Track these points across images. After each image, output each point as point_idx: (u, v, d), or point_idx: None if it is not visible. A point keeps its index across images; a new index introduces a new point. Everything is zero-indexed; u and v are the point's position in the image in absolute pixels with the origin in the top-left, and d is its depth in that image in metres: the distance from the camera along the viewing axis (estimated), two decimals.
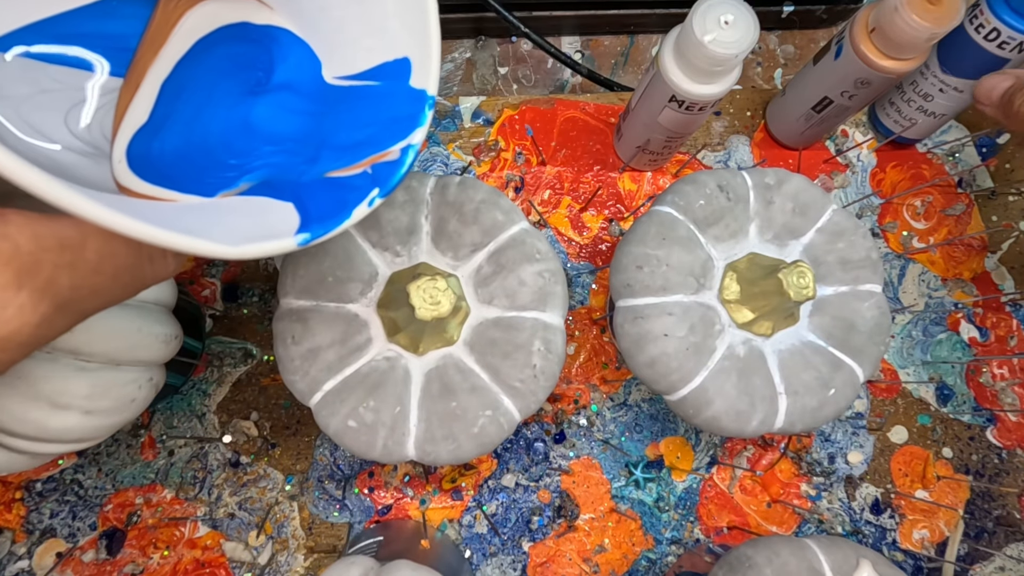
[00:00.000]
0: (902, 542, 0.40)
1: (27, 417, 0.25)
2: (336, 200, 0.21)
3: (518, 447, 0.40)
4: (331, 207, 0.20)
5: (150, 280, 0.19)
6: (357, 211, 0.20)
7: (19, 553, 0.37)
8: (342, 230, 0.20)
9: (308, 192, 0.22)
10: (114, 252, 0.18)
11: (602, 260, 0.43)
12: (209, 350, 0.40)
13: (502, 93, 0.49)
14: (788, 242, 0.33)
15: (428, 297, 0.29)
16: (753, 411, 0.31)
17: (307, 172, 0.23)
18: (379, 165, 0.22)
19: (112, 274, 0.18)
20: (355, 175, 0.22)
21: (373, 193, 0.21)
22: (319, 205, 0.21)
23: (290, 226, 0.20)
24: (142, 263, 0.19)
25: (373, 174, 0.21)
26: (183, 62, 0.24)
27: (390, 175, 0.21)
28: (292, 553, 0.38)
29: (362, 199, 0.20)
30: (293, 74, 0.26)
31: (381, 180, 0.21)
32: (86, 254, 0.17)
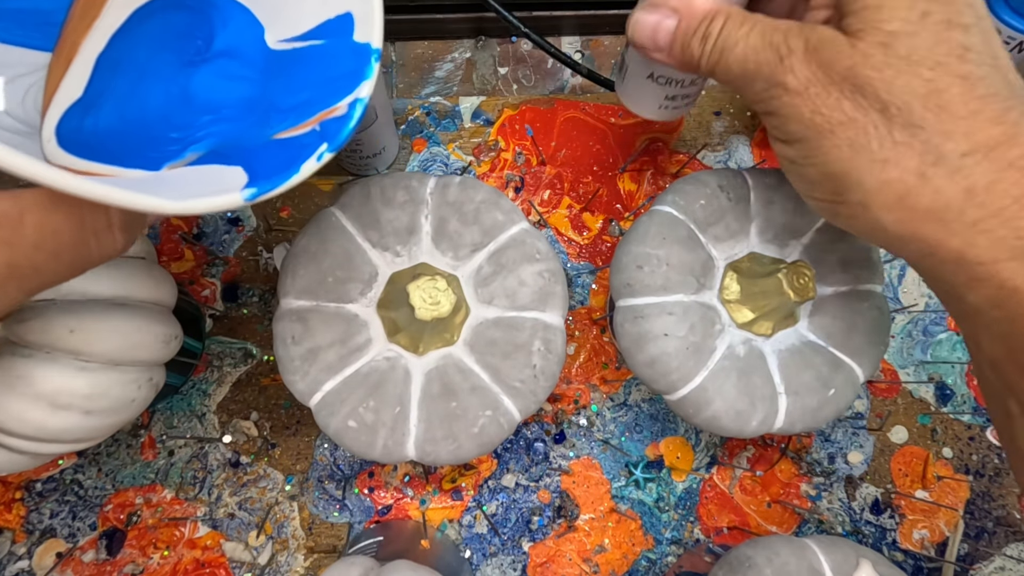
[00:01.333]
0: (902, 542, 0.40)
1: (27, 417, 0.25)
2: (285, 158, 0.21)
3: (518, 447, 0.40)
4: (280, 165, 0.20)
5: (96, 258, 0.19)
6: (305, 166, 0.20)
7: (19, 553, 0.37)
8: (290, 185, 0.20)
9: (257, 155, 0.21)
10: (56, 228, 0.17)
11: (602, 260, 0.43)
12: (209, 350, 0.40)
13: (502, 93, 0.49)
14: (789, 242, 0.33)
15: (428, 297, 0.29)
16: (753, 411, 0.31)
17: (255, 136, 0.23)
18: (327, 122, 0.21)
19: (52, 251, 0.17)
20: (304, 134, 0.22)
21: (322, 148, 0.20)
22: (268, 165, 0.21)
23: (238, 184, 0.20)
24: (86, 239, 0.18)
25: (322, 131, 0.21)
26: (119, 34, 0.24)
27: (339, 130, 0.21)
28: (292, 553, 0.38)
29: (311, 155, 0.20)
30: (234, 40, 0.25)
31: (330, 135, 0.21)
32: (24, 230, 0.16)
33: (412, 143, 0.44)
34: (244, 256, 0.41)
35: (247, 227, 0.42)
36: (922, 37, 0.20)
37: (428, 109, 0.44)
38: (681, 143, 0.45)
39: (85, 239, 0.18)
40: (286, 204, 0.42)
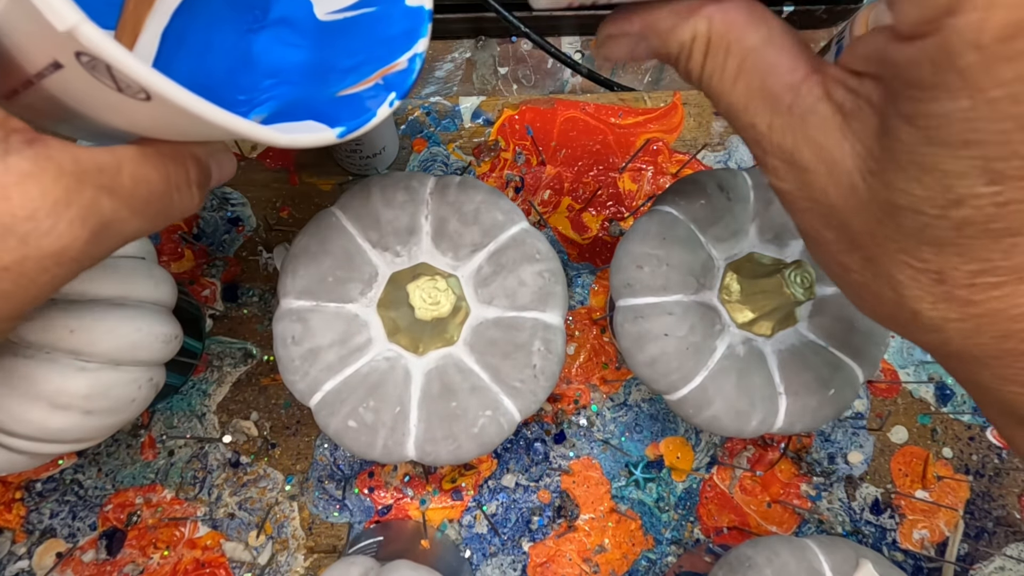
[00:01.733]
0: (902, 542, 0.40)
1: (27, 417, 0.25)
2: (355, 108, 0.22)
3: (518, 447, 0.40)
4: (352, 114, 0.22)
5: (176, 212, 0.20)
6: (380, 110, 0.22)
7: (19, 553, 0.37)
8: (371, 126, 0.22)
9: (325, 109, 0.23)
10: (147, 178, 0.18)
11: (602, 260, 0.43)
12: (209, 350, 0.40)
13: (502, 93, 0.49)
14: (789, 242, 0.33)
15: (428, 297, 0.29)
16: (753, 411, 0.31)
17: (318, 96, 0.25)
18: (390, 76, 0.23)
19: (145, 199, 0.19)
20: (367, 88, 0.23)
21: (391, 96, 0.22)
22: (341, 115, 0.22)
23: (323, 128, 0.21)
24: (170, 191, 0.20)
25: (386, 84, 0.23)
26: (180, 10, 0.25)
27: (403, 81, 0.23)
28: (292, 553, 0.38)
29: (382, 102, 0.22)
30: (288, 10, 0.27)
31: (396, 86, 0.23)
32: (122, 178, 0.18)
33: (412, 143, 0.44)
34: (244, 256, 0.41)
35: (247, 227, 0.42)
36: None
37: (428, 109, 0.44)
38: (681, 143, 0.45)
39: (169, 191, 0.20)
40: (286, 204, 0.42)
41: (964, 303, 0.16)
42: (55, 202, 0.16)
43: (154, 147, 0.19)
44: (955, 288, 0.16)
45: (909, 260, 0.17)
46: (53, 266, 0.17)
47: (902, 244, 0.17)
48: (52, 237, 0.16)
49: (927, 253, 0.16)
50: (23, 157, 0.16)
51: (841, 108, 0.17)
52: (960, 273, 0.16)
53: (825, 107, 0.17)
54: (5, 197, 0.16)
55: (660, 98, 0.45)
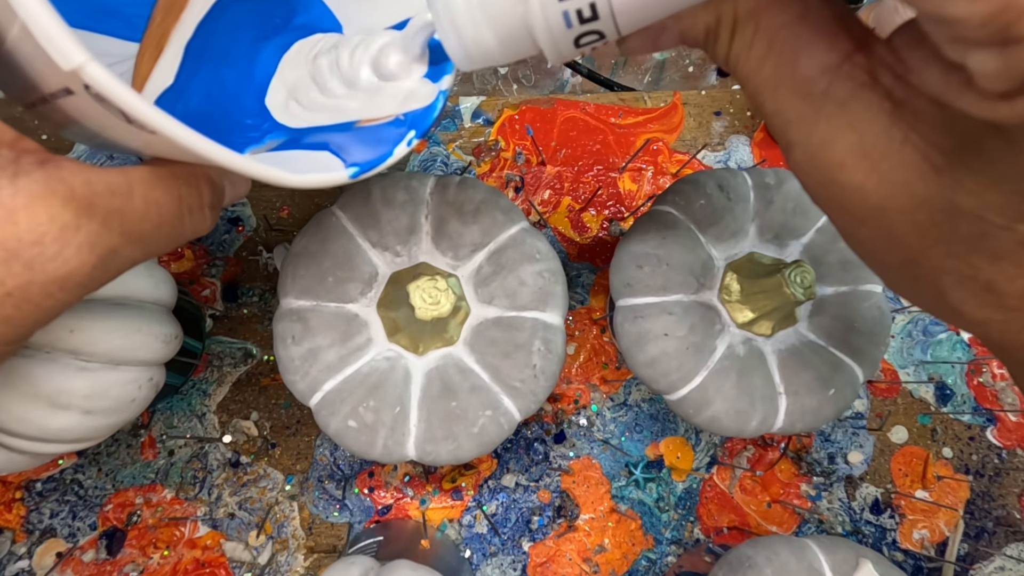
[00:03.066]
0: (902, 542, 0.40)
1: (27, 417, 0.25)
2: (371, 143, 0.22)
3: (518, 447, 0.40)
4: (367, 149, 0.21)
5: (189, 233, 0.20)
6: (398, 148, 0.21)
7: (19, 553, 0.37)
8: (387, 165, 0.21)
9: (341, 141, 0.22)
10: (158, 201, 0.18)
11: (602, 260, 0.43)
12: (209, 350, 0.40)
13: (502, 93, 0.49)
14: (788, 242, 0.33)
15: (428, 297, 0.29)
16: (753, 411, 0.31)
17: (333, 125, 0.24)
18: (412, 112, 0.23)
19: (156, 223, 0.18)
20: (387, 123, 0.23)
21: (410, 135, 0.22)
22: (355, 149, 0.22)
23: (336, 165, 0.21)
24: (182, 214, 0.19)
25: (405, 119, 0.22)
26: (205, 21, 0.25)
27: (425, 118, 0.22)
28: (292, 553, 0.38)
29: (400, 140, 0.21)
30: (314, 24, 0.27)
31: (416, 123, 0.22)
32: (133, 201, 0.18)
33: None
34: (244, 256, 0.41)
35: (247, 227, 0.42)
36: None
37: None
38: (681, 143, 0.45)
39: (181, 214, 0.19)
40: (286, 204, 0.42)
41: (1012, 309, 0.16)
42: (63, 227, 0.16)
43: (168, 168, 0.19)
44: (1005, 299, 0.16)
45: (959, 266, 0.16)
46: (58, 291, 0.17)
47: (953, 249, 0.16)
48: (58, 263, 0.16)
49: (981, 262, 0.15)
50: (33, 179, 0.16)
51: (890, 95, 0.15)
52: (1015, 287, 0.15)
53: (869, 94, 0.15)
54: (12, 221, 0.16)
55: (660, 98, 0.45)
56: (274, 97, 0.25)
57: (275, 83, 0.26)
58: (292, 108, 0.25)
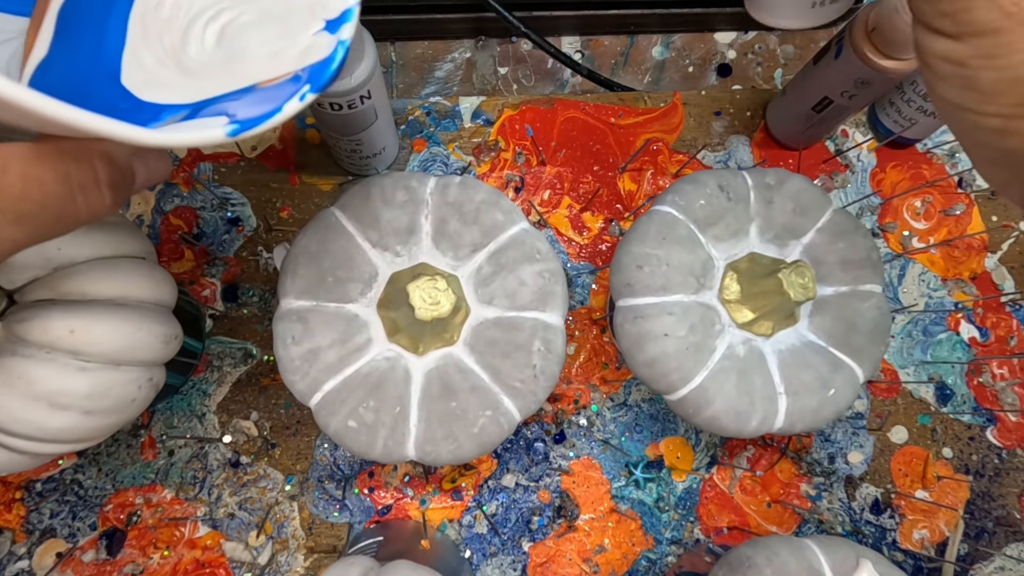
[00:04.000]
0: (902, 542, 0.40)
1: (27, 417, 0.25)
2: (268, 102, 0.20)
3: (518, 447, 0.40)
4: (262, 109, 0.20)
5: (84, 214, 0.19)
6: (288, 106, 0.20)
7: (19, 553, 0.37)
8: (273, 124, 0.20)
9: (239, 107, 0.21)
10: (40, 179, 0.17)
11: (602, 260, 0.43)
12: (209, 350, 0.40)
13: (502, 93, 0.49)
14: (788, 242, 0.33)
15: (428, 297, 0.29)
16: (753, 411, 0.31)
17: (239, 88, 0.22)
18: (309, 67, 0.21)
19: (40, 203, 0.17)
20: (287, 80, 0.21)
21: (304, 89, 0.20)
22: (250, 110, 0.20)
23: (220, 123, 0.19)
24: (72, 193, 0.18)
25: (305, 74, 0.21)
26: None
27: (322, 72, 0.21)
28: (292, 553, 0.38)
29: (292, 96, 0.20)
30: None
31: (313, 78, 0.21)
32: (8, 178, 0.16)
33: (412, 143, 0.44)
34: (244, 256, 0.41)
35: (247, 227, 0.42)
36: None
37: (428, 109, 0.44)
38: (681, 143, 0.45)
39: (71, 193, 0.18)
40: (286, 204, 0.42)
41: None
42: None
43: (53, 144, 0.17)
44: None
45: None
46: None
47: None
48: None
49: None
50: None
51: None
52: None
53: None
54: None
55: (660, 98, 0.45)
56: (133, 76, 0.23)
57: (128, 58, 0.23)
58: (162, 82, 0.23)
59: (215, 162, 0.42)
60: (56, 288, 0.27)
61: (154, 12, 0.23)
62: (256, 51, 0.23)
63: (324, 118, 0.35)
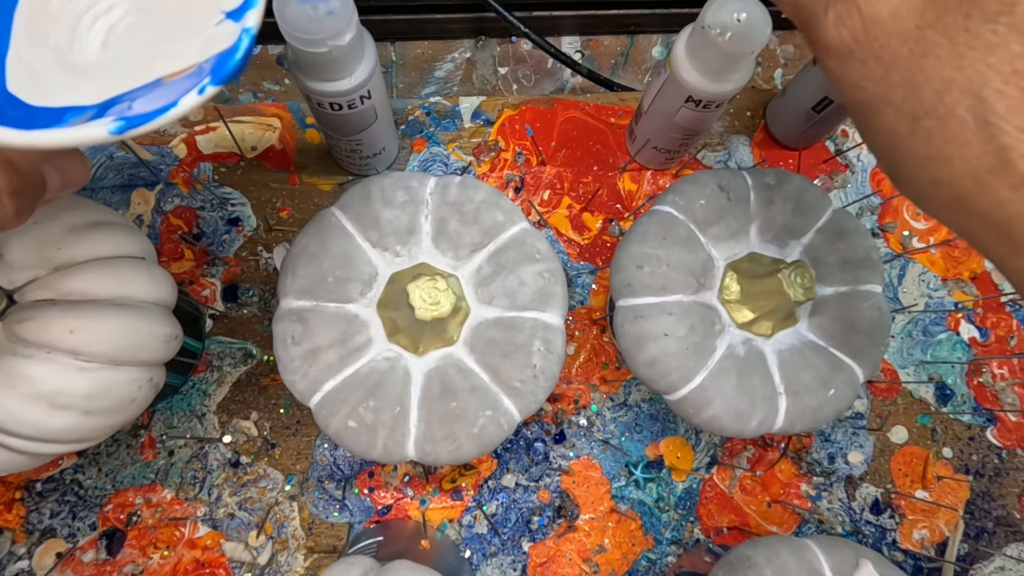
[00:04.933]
0: (902, 542, 0.40)
1: (27, 417, 0.25)
2: (166, 96, 0.19)
3: (518, 447, 0.40)
4: (158, 104, 0.19)
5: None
6: (185, 99, 0.18)
7: (19, 553, 0.37)
8: (168, 119, 0.18)
9: (135, 98, 0.20)
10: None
11: (602, 260, 0.43)
12: (209, 350, 0.40)
13: (502, 93, 0.49)
14: (788, 242, 0.33)
15: (428, 297, 0.29)
16: (753, 411, 0.31)
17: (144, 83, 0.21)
18: (213, 58, 0.20)
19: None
20: (191, 72, 0.20)
21: (205, 81, 0.19)
22: (150, 105, 0.19)
23: (105, 121, 0.18)
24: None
25: (207, 67, 0.20)
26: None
27: (225, 62, 0.19)
28: (292, 553, 0.38)
29: (191, 89, 0.19)
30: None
31: (216, 70, 0.19)
32: None
33: (412, 143, 0.44)
34: (244, 256, 0.41)
35: (247, 227, 0.42)
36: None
37: (428, 109, 0.44)
38: None
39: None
40: (286, 204, 0.42)
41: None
42: None
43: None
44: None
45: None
46: None
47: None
48: None
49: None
50: None
51: None
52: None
53: None
54: None
55: None
56: (18, 79, 0.21)
57: (12, 61, 0.21)
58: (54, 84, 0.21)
59: (215, 162, 0.42)
60: (56, 288, 0.27)
61: (42, 7, 0.22)
62: (155, 46, 0.22)
63: (324, 118, 0.35)
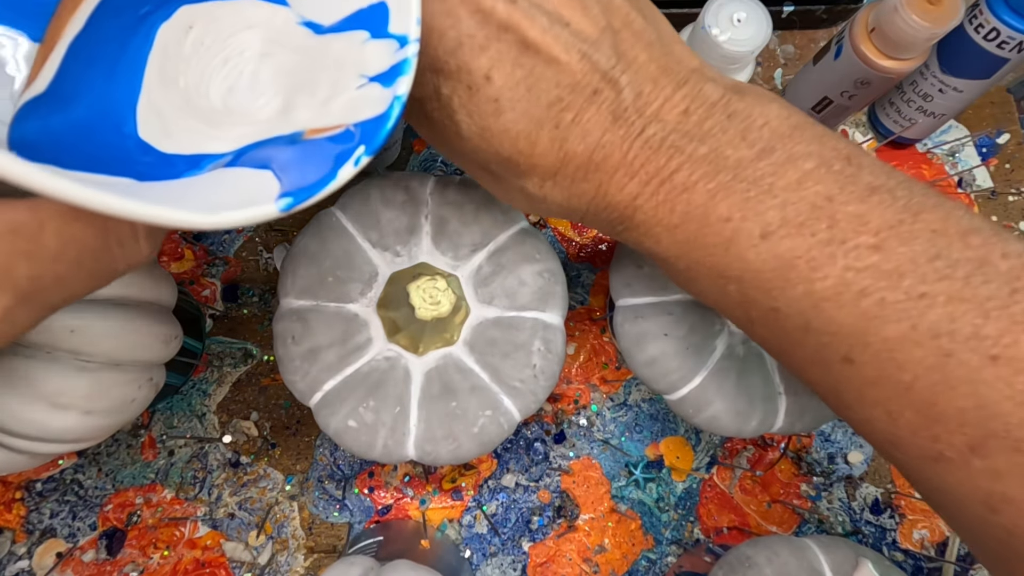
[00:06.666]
0: (902, 542, 0.40)
1: (27, 417, 0.25)
2: (317, 161, 0.19)
3: (518, 447, 0.40)
4: (312, 169, 0.18)
5: (122, 267, 0.18)
6: (343, 171, 0.18)
7: (19, 553, 0.37)
8: (328, 192, 0.18)
9: (284, 158, 0.19)
10: (76, 237, 0.16)
11: (602, 260, 0.43)
12: (209, 350, 0.40)
13: None
14: None
15: (428, 297, 0.29)
16: (753, 411, 0.31)
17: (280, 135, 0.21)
18: (363, 123, 0.19)
19: (76, 261, 0.16)
20: (337, 134, 0.20)
21: (359, 151, 0.18)
22: (299, 168, 0.18)
23: (270, 192, 0.18)
24: (110, 247, 0.17)
25: (357, 131, 0.19)
26: (101, 8, 0.20)
27: (376, 131, 0.19)
28: (292, 553, 0.38)
29: (347, 158, 0.18)
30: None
31: (367, 137, 0.19)
32: (44, 240, 0.15)
33: (412, 143, 0.44)
34: (244, 256, 0.41)
35: (247, 227, 0.42)
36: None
37: None
38: None
39: (109, 247, 0.17)
40: None
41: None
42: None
43: None
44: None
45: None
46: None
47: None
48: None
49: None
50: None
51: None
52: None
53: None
54: None
55: None
56: (149, 125, 0.20)
57: (143, 106, 0.20)
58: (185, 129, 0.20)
59: None
60: None
61: (176, 49, 0.21)
62: (286, 97, 0.21)
63: None
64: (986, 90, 0.39)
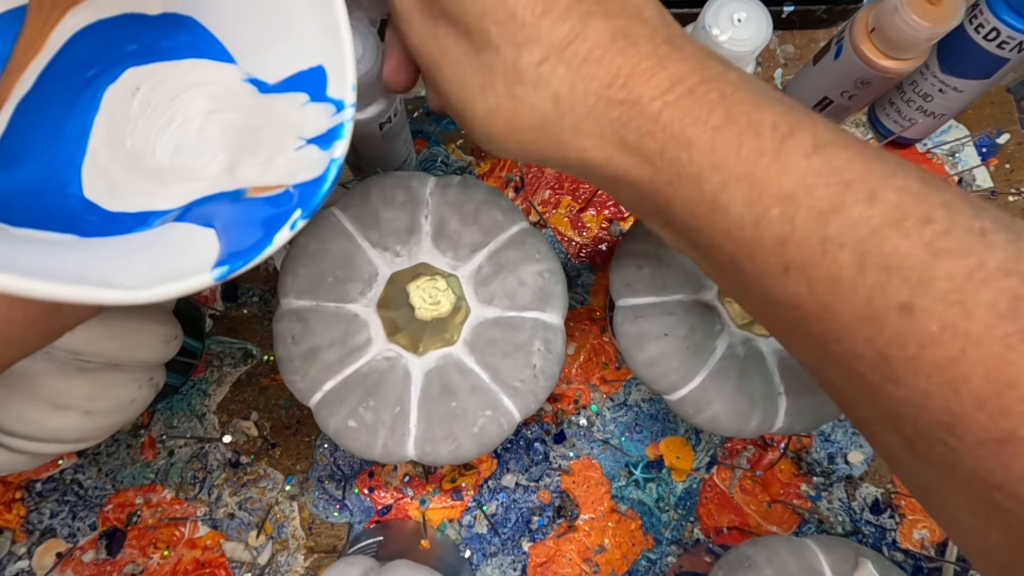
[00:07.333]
0: (902, 542, 0.40)
1: (27, 417, 0.25)
2: (256, 223, 0.19)
3: (518, 447, 0.40)
4: (251, 232, 0.18)
5: (72, 322, 0.18)
6: (279, 236, 0.18)
7: (19, 553, 0.37)
8: (264, 257, 0.18)
9: (226, 215, 0.19)
10: (24, 300, 0.16)
11: (602, 260, 0.43)
12: (209, 350, 0.40)
13: None
14: None
15: (428, 297, 0.29)
16: (753, 411, 0.31)
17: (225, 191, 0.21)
18: (301, 185, 0.20)
19: (23, 322, 0.16)
20: (277, 195, 0.20)
21: (295, 215, 0.18)
22: (239, 231, 0.18)
23: (209, 257, 0.18)
24: (59, 307, 0.17)
25: (295, 192, 0.19)
26: (49, 70, 0.20)
27: (313, 192, 0.19)
28: (292, 553, 0.38)
29: (284, 222, 0.18)
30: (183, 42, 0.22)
31: (304, 199, 0.19)
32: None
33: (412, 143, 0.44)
34: None
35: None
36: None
37: (428, 109, 0.44)
38: None
39: (58, 307, 0.17)
40: None
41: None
42: None
43: None
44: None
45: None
46: None
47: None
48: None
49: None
50: None
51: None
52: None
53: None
54: None
55: None
56: (95, 185, 0.20)
57: (88, 167, 0.20)
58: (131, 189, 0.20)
59: None
60: None
61: (123, 110, 0.21)
62: (229, 154, 0.21)
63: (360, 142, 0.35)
64: (986, 90, 0.39)
